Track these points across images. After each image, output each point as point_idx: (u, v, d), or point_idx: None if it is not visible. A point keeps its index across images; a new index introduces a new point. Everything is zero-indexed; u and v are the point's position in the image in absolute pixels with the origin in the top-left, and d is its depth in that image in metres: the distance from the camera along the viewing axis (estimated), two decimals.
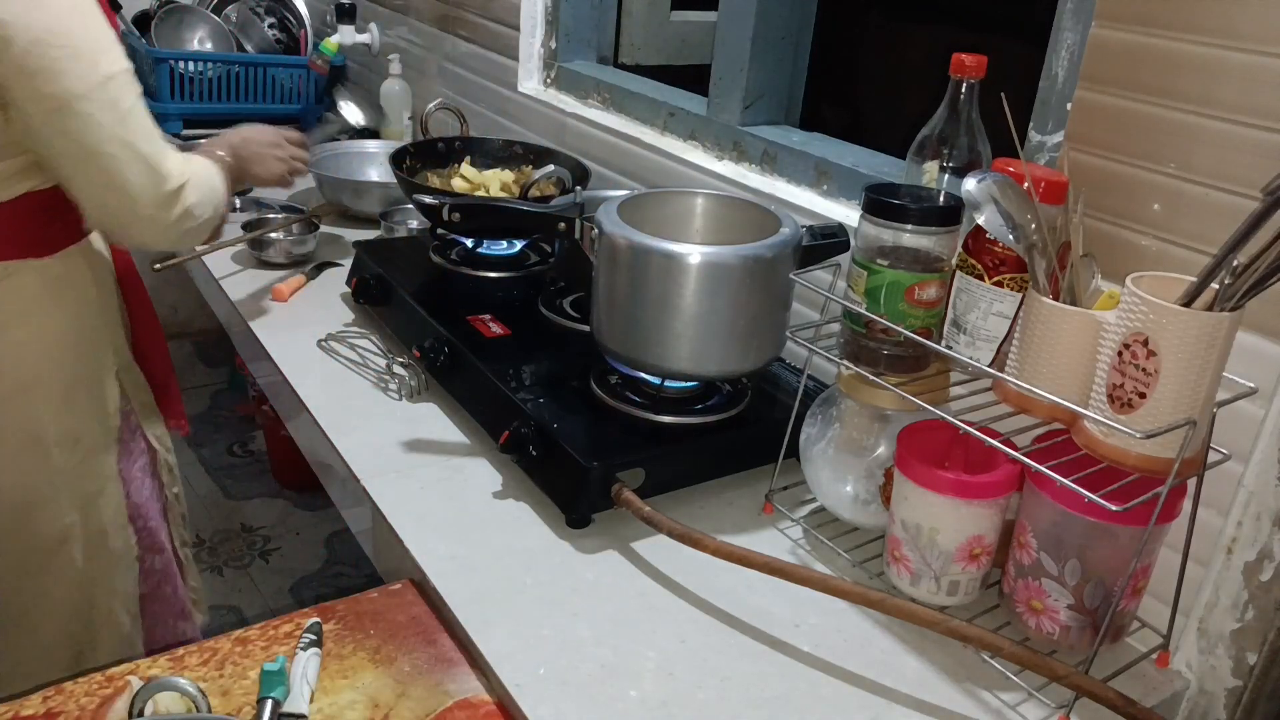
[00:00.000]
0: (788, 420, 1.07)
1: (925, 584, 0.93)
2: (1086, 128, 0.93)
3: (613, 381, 1.15)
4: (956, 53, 0.95)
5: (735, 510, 1.08)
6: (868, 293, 0.93)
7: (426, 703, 0.82)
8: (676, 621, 0.91)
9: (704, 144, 1.52)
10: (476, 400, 1.19)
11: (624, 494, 0.99)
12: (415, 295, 1.34)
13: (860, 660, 0.88)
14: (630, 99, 1.67)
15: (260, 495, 2.54)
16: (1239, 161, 0.83)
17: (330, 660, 0.86)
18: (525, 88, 1.86)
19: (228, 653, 0.86)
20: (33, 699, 0.81)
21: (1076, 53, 0.94)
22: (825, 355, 1.00)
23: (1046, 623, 0.88)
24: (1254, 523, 0.85)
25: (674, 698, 0.82)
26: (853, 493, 1.02)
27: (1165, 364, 0.73)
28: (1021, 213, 0.83)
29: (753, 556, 0.91)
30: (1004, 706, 0.84)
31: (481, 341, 1.25)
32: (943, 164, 0.97)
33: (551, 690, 0.82)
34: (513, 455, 1.07)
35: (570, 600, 0.92)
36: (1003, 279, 0.87)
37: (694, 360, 1.06)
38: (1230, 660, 0.88)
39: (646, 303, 1.04)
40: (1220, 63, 0.83)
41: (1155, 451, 0.76)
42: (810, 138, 1.42)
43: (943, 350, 0.91)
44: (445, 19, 2.10)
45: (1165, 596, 0.90)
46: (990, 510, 0.90)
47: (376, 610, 0.92)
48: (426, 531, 1.00)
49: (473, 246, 1.47)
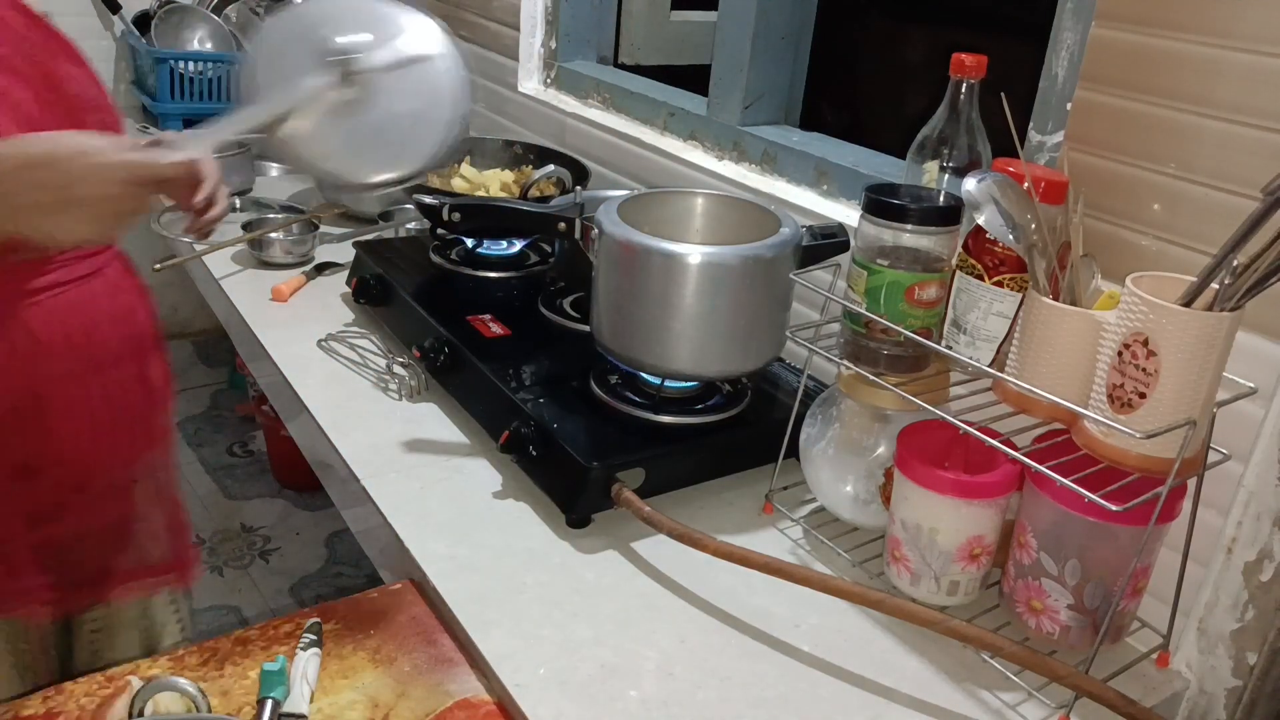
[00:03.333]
0: (788, 420, 1.07)
1: (925, 584, 0.93)
2: (1086, 128, 0.93)
3: (613, 381, 1.15)
4: (956, 53, 0.95)
5: (735, 510, 1.08)
6: (868, 293, 0.93)
7: (426, 703, 0.82)
8: (676, 621, 0.91)
9: (704, 144, 1.52)
10: (476, 400, 1.19)
11: (624, 494, 0.99)
12: (415, 295, 1.34)
13: (860, 660, 0.88)
14: (630, 99, 1.67)
15: (260, 495, 2.54)
16: (1239, 161, 0.83)
17: (330, 660, 0.86)
18: (525, 88, 1.86)
19: (228, 653, 0.86)
20: (33, 699, 0.81)
21: (1076, 53, 0.94)
22: (825, 355, 1.00)
23: (1046, 623, 0.88)
24: (1254, 523, 0.85)
25: (674, 698, 0.82)
26: (853, 493, 1.02)
27: (1165, 364, 0.73)
28: (1021, 213, 0.83)
29: (753, 556, 0.91)
30: (1004, 706, 0.84)
31: (481, 341, 1.25)
32: (943, 164, 0.97)
33: (551, 690, 0.82)
34: (513, 455, 1.07)
35: (570, 600, 0.92)
36: (1003, 279, 0.87)
37: (694, 360, 1.06)
38: (1230, 660, 0.88)
39: (646, 303, 1.04)
40: (1220, 63, 0.83)
41: (1155, 451, 0.76)
42: (810, 138, 1.42)
43: (943, 350, 0.91)
44: (445, 19, 2.09)
45: (1165, 596, 0.90)
46: (990, 510, 0.90)
47: (376, 610, 0.92)
48: (426, 531, 1.00)
49: (473, 246, 1.47)
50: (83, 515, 1.01)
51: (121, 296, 1.00)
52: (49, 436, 0.96)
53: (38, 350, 0.93)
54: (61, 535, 1.00)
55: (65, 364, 0.95)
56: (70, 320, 0.94)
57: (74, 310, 0.95)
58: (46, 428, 0.95)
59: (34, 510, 0.98)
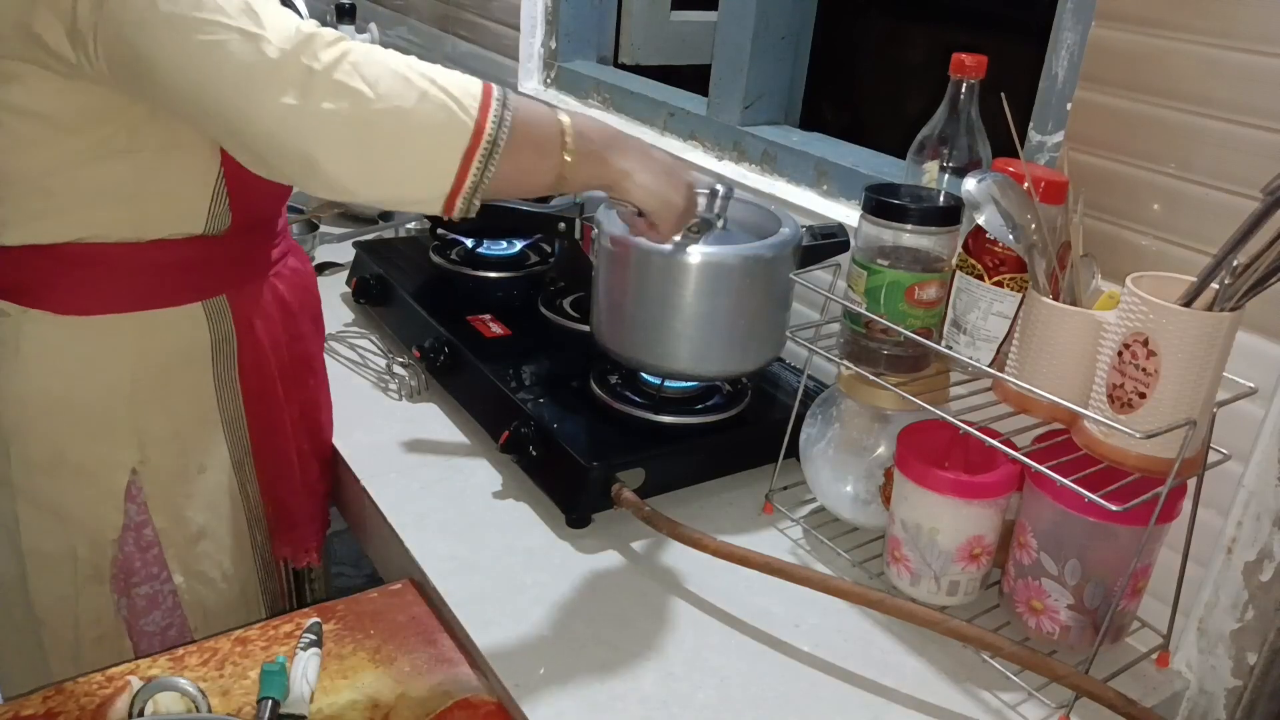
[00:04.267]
0: (788, 420, 1.07)
1: (925, 584, 0.93)
2: (1086, 128, 0.93)
3: (613, 381, 1.15)
4: (956, 53, 0.95)
5: (735, 510, 1.08)
6: (868, 293, 0.93)
7: (426, 703, 0.82)
8: (676, 621, 0.91)
9: (704, 144, 1.51)
10: (476, 400, 1.19)
11: (624, 494, 0.99)
12: (415, 295, 1.34)
13: (860, 660, 0.88)
14: (630, 99, 1.67)
15: None
16: (1238, 161, 0.83)
17: (330, 660, 0.86)
18: (525, 88, 1.86)
19: (228, 653, 0.86)
20: (33, 699, 0.81)
21: (1076, 53, 0.94)
22: (825, 355, 1.00)
23: (1046, 623, 0.88)
24: (1254, 523, 0.85)
25: (674, 698, 0.82)
26: (853, 493, 1.02)
27: (1165, 364, 0.73)
28: (1021, 213, 0.83)
29: (753, 556, 0.91)
30: (1004, 706, 0.84)
31: (481, 341, 1.25)
32: (943, 164, 0.97)
33: (551, 690, 0.82)
34: (513, 455, 1.07)
35: (570, 600, 0.92)
36: (1003, 279, 0.87)
37: (694, 360, 1.06)
38: (1230, 660, 0.88)
39: (647, 303, 1.04)
40: (1219, 63, 0.83)
41: (1155, 451, 0.76)
42: (810, 138, 1.42)
43: (943, 350, 0.91)
44: (445, 19, 2.10)
45: (1165, 596, 0.90)
46: (990, 510, 0.90)
47: (376, 610, 0.92)
48: (426, 531, 1.00)
49: (473, 246, 1.46)
50: (321, 456, 1.13)
51: (305, 265, 1.11)
52: (316, 390, 1.10)
53: (287, 312, 1.04)
54: (316, 478, 1.13)
55: (303, 325, 1.08)
56: (296, 284, 1.06)
57: (297, 276, 1.06)
58: (313, 382, 1.09)
59: (303, 458, 1.09)
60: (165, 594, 0.99)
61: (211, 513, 1.00)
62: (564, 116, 0.80)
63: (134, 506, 0.95)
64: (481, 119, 0.74)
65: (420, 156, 0.74)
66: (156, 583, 0.99)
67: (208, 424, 0.99)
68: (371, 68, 0.72)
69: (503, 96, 0.76)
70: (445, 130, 0.74)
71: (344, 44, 0.73)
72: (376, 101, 0.72)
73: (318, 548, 1.14)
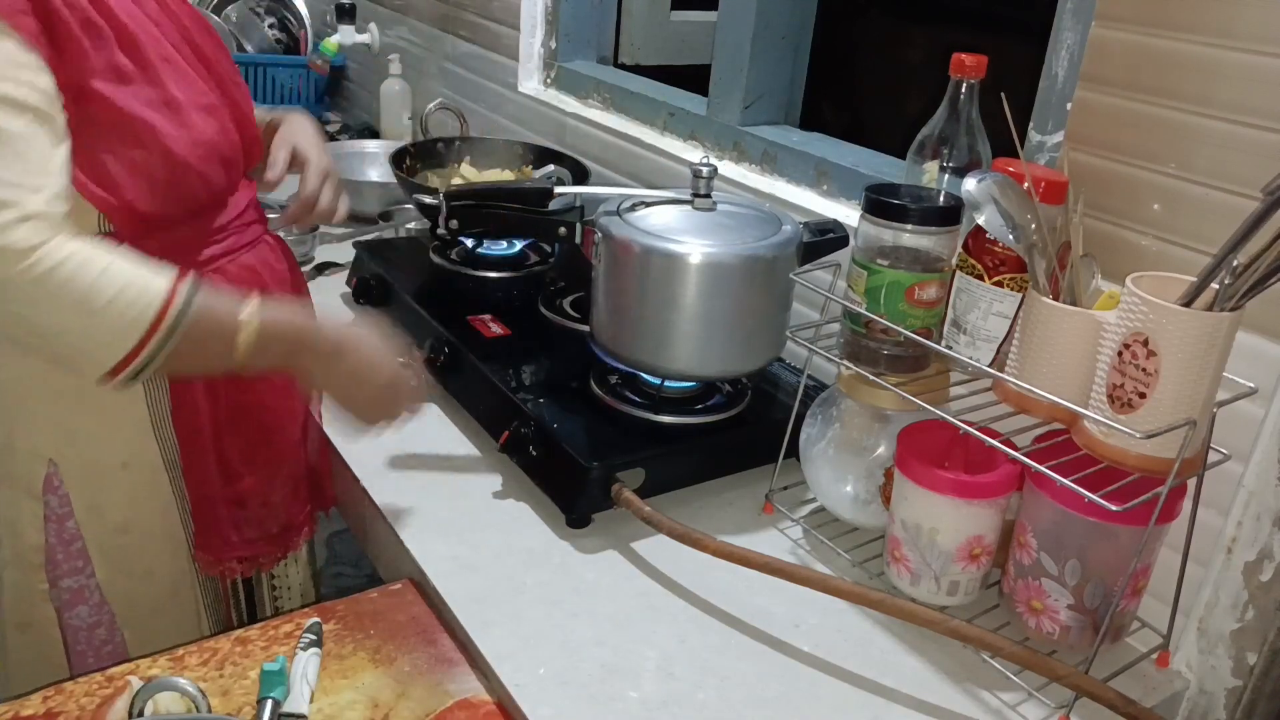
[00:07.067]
0: (788, 420, 1.07)
1: (925, 584, 0.93)
2: (1086, 128, 0.93)
3: (613, 381, 1.15)
4: (956, 53, 0.95)
5: (735, 510, 1.08)
6: (868, 293, 0.93)
7: (426, 703, 0.82)
8: (676, 621, 0.91)
9: (704, 144, 1.51)
10: (476, 400, 1.19)
11: (624, 494, 0.99)
12: (415, 295, 1.34)
13: (860, 660, 0.88)
14: (630, 99, 1.67)
15: None
16: (1238, 161, 0.83)
17: (330, 660, 0.86)
18: (525, 88, 1.86)
19: (228, 653, 0.86)
20: (33, 699, 0.81)
21: (1076, 53, 0.94)
22: (825, 355, 1.00)
23: (1046, 623, 0.88)
24: (1254, 523, 0.85)
25: (674, 698, 0.82)
26: (853, 493, 1.02)
27: (1165, 364, 0.73)
28: (1021, 213, 0.83)
29: (753, 556, 0.91)
30: (1004, 706, 0.84)
31: (481, 341, 1.25)
32: (943, 164, 0.97)
33: (551, 690, 0.82)
34: (513, 455, 1.07)
35: (570, 600, 0.92)
36: (1003, 279, 0.87)
37: (694, 360, 1.06)
38: (1230, 660, 0.88)
39: (647, 303, 1.04)
40: (1219, 63, 0.83)
41: (1155, 451, 0.76)
42: (810, 138, 1.42)
43: (943, 350, 0.91)
44: (445, 19, 2.10)
45: (1165, 596, 0.90)
46: (990, 510, 0.90)
47: (376, 610, 0.92)
48: (426, 531, 1.00)
49: (473, 247, 1.46)
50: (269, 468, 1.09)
51: (278, 263, 1.09)
52: (248, 391, 1.04)
53: None
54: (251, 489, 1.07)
55: None
56: (250, 283, 1.02)
57: (250, 274, 1.03)
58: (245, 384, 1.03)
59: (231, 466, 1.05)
60: (91, 588, 1.01)
61: (134, 510, 1.01)
62: (252, 318, 0.85)
63: (55, 498, 0.97)
64: (148, 336, 0.80)
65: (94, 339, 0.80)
66: (81, 576, 1.00)
67: (132, 421, 0.98)
68: (73, 277, 0.77)
69: (182, 306, 0.81)
70: (120, 322, 0.79)
71: (45, 232, 0.76)
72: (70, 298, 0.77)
73: (240, 559, 1.08)
